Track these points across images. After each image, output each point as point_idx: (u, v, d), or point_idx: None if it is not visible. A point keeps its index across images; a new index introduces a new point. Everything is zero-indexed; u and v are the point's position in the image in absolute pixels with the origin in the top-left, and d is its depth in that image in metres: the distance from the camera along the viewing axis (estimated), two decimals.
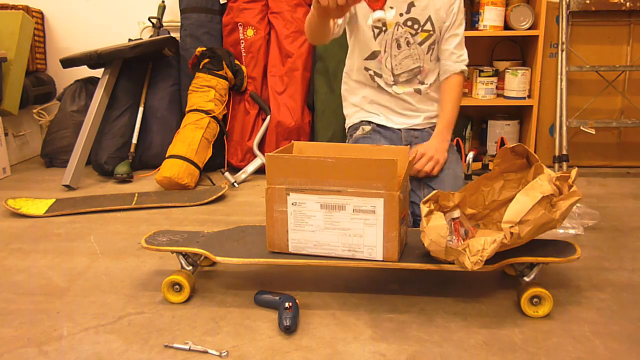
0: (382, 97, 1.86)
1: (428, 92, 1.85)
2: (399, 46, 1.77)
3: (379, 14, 1.30)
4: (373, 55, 1.81)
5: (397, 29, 1.77)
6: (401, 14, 1.75)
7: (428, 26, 1.77)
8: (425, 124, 1.89)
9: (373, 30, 1.77)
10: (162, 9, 3.07)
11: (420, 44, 1.78)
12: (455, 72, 1.82)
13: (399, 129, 1.87)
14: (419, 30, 1.77)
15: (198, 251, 1.41)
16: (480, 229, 1.49)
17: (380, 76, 1.83)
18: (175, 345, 1.20)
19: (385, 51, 1.79)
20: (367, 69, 1.84)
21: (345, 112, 1.98)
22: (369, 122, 1.88)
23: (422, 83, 1.84)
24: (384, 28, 1.76)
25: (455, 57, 1.82)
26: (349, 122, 1.96)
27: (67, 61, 2.75)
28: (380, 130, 1.86)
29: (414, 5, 1.75)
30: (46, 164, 2.99)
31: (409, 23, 1.77)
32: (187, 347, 1.20)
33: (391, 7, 1.32)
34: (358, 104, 1.91)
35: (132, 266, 1.65)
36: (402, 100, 1.85)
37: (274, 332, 1.26)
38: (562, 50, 2.57)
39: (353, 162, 1.29)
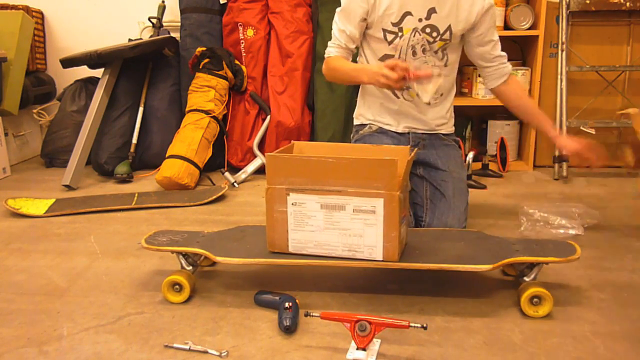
0: (392, 101, 1.78)
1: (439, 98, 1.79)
2: (414, 53, 1.70)
3: (359, 354, 1.12)
4: (384, 59, 1.72)
5: (414, 35, 1.68)
6: (420, 20, 1.67)
7: (446, 35, 1.70)
8: (434, 129, 1.82)
9: (386, 37, 1.69)
10: (162, 9, 3.07)
11: (436, 52, 1.72)
12: (510, 72, 1.80)
13: (407, 133, 1.81)
14: (437, 39, 1.70)
15: (198, 251, 1.41)
16: None
17: None
18: (175, 345, 1.20)
19: (399, 57, 1.71)
20: None
21: (359, 110, 1.90)
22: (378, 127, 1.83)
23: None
24: (400, 34, 1.69)
25: (502, 59, 1.79)
26: (357, 121, 1.90)
27: (67, 61, 2.75)
28: (386, 132, 1.82)
29: (435, 12, 1.66)
30: (46, 164, 2.99)
31: (428, 30, 1.68)
32: (187, 347, 1.19)
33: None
34: (369, 106, 1.84)
35: (132, 266, 1.65)
36: (414, 104, 1.77)
37: (274, 332, 1.26)
38: (562, 50, 2.57)
39: (353, 162, 1.29)
